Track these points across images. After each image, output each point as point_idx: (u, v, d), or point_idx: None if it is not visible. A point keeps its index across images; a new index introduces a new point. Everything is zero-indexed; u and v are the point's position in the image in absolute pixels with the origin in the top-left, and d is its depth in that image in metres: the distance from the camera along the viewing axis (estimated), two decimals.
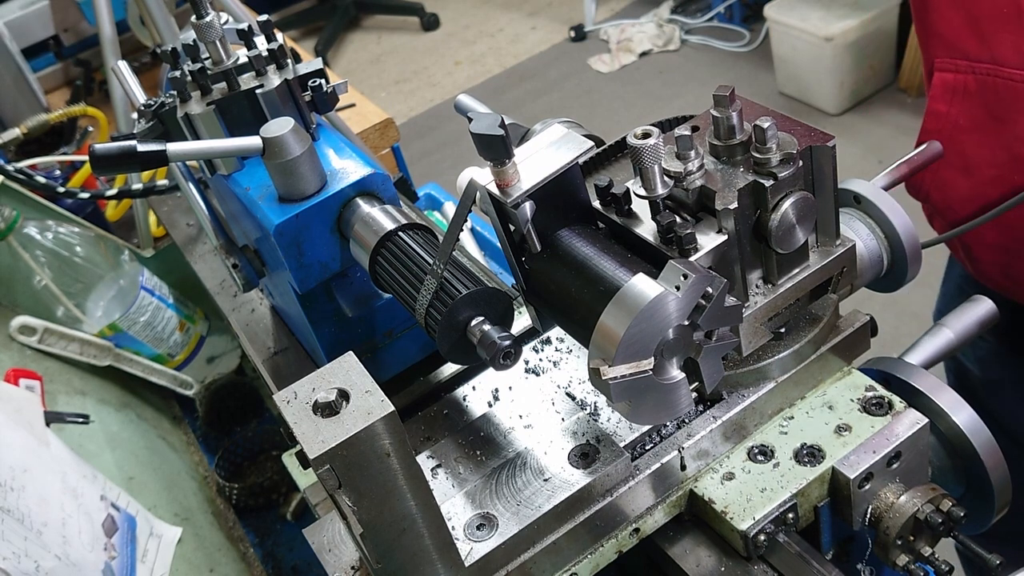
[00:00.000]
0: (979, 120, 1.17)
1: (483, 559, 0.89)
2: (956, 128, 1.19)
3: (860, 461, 0.94)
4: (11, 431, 1.38)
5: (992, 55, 1.10)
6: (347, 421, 0.73)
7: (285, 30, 6.04)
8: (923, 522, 0.95)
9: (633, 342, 0.80)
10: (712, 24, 5.28)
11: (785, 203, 0.86)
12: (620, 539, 0.96)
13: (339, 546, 0.97)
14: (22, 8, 2.63)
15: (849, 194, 1.08)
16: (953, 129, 1.19)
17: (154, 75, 2.55)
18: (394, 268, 0.98)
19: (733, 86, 0.86)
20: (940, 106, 1.19)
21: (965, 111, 1.17)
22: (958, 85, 1.15)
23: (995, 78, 1.11)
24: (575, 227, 0.92)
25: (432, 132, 5.07)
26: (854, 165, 3.97)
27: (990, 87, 1.13)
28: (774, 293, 0.93)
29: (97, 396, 1.86)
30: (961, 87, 1.15)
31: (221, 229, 1.20)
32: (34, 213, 1.91)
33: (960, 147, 1.20)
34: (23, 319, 1.78)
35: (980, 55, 1.12)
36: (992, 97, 1.13)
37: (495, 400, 1.09)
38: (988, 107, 1.15)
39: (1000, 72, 1.10)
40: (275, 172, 1.02)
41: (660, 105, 4.74)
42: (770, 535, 0.92)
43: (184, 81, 1.08)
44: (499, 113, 0.88)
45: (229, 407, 2.06)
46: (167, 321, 2.00)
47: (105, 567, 1.37)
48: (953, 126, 1.19)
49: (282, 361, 1.28)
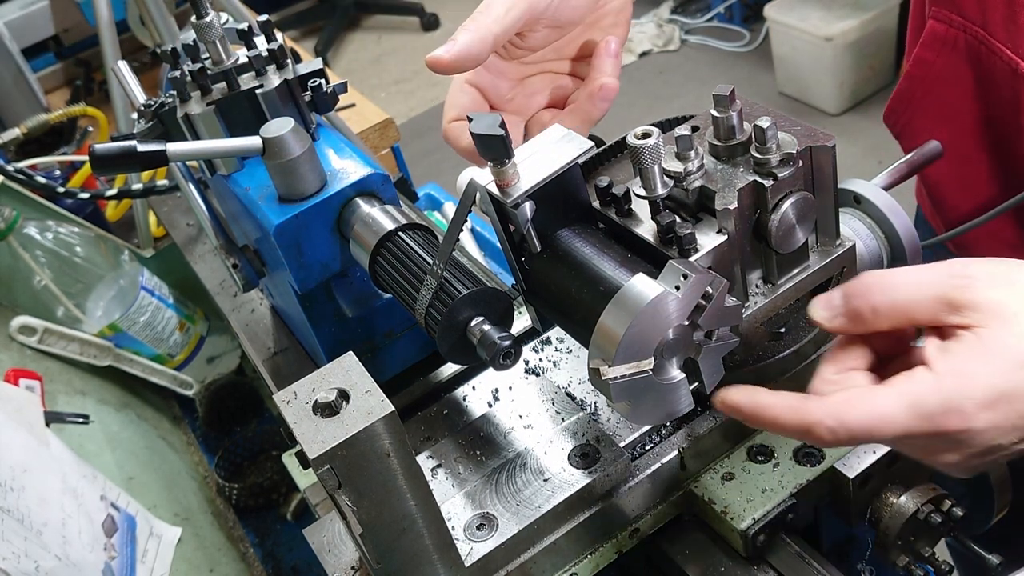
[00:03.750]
0: (961, 75, 1.16)
1: (483, 559, 0.89)
2: (939, 78, 1.18)
3: (860, 461, 0.94)
4: (11, 431, 1.38)
5: (984, 22, 1.09)
6: (347, 421, 0.73)
7: (285, 30, 6.04)
8: (923, 522, 0.95)
9: (633, 342, 0.80)
10: (712, 24, 5.27)
11: (785, 203, 0.86)
12: (620, 539, 0.96)
13: (339, 546, 0.97)
14: (22, 8, 2.63)
15: (849, 194, 1.08)
16: (936, 78, 1.18)
17: (154, 75, 2.55)
18: (394, 268, 0.98)
19: (733, 86, 0.86)
20: (928, 54, 1.17)
21: (951, 64, 1.16)
22: (948, 38, 1.14)
23: (981, 44, 1.10)
24: (575, 227, 0.92)
25: (432, 132, 5.07)
26: (854, 165, 3.97)
27: (975, 51, 1.12)
28: (774, 293, 0.93)
29: (97, 396, 1.86)
30: (951, 41, 1.14)
31: (221, 229, 1.20)
32: (34, 213, 1.91)
33: (939, 97, 1.20)
34: (23, 319, 1.78)
35: (974, 17, 1.10)
36: (975, 60, 1.13)
37: (495, 400, 1.09)
38: (972, 67, 1.14)
39: (986, 40, 1.09)
40: (275, 172, 1.02)
41: (660, 105, 4.74)
42: (770, 535, 0.92)
43: (184, 81, 1.08)
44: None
45: (229, 407, 2.06)
46: (167, 321, 2.00)
47: (105, 567, 1.37)
48: (936, 75, 1.18)
49: (282, 361, 1.28)
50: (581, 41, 1.08)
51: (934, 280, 0.73)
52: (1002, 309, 0.70)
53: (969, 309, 0.71)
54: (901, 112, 1.25)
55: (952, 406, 0.69)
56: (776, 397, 0.78)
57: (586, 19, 1.06)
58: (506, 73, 1.08)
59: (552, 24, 1.02)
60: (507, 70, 1.08)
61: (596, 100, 1.02)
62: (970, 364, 0.69)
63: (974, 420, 0.69)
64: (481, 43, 0.96)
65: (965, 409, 0.68)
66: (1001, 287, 0.71)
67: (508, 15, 0.97)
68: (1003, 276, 0.72)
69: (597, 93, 1.02)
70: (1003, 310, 0.70)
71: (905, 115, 1.24)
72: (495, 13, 0.97)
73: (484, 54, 0.97)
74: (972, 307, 0.71)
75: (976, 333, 0.70)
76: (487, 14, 0.97)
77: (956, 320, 0.71)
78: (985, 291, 0.71)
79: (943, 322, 0.72)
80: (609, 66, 1.04)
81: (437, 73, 0.97)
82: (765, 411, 0.78)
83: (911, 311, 0.74)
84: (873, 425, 0.71)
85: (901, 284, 0.75)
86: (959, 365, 0.70)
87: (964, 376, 0.69)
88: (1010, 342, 0.69)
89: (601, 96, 1.02)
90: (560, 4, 1.00)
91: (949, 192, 1.28)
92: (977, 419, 0.68)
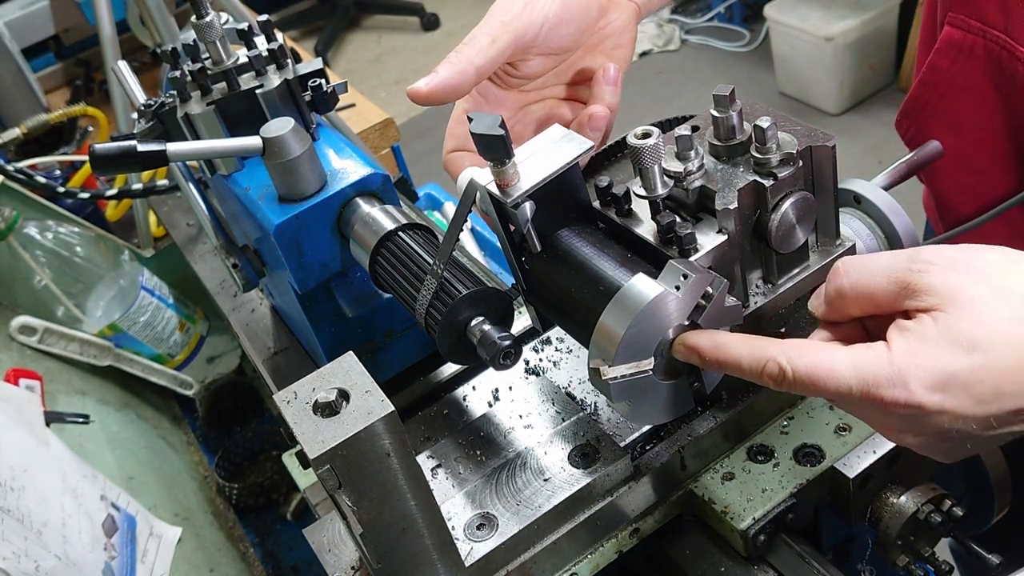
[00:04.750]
0: (977, 83, 1.15)
1: (483, 559, 0.89)
2: (953, 86, 1.18)
3: (860, 461, 0.94)
4: (11, 431, 1.38)
5: (1007, 26, 1.08)
6: (347, 421, 0.73)
7: (285, 30, 6.04)
8: (923, 522, 0.95)
9: (633, 342, 0.80)
10: (712, 24, 5.27)
11: (785, 203, 0.86)
12: (620, 539, 0.96)
13: (339, 546, 0.97)
14: (22, 8, 2.63)
15: (849, 194, 1.08)
16: (950, 86, 1.18)
17: (154, 75, 2.55)
18: (394, 268, 0.98)
19: (733, 86, 0.86)
20: (942, 61, 1.17)
21: (965, 71, 1.15)
22: (965, 44, 1.13)
23: (1002, 49, 1.09)
24: (575, 227, 0.92)
25: (432, 132, 5.07)
26: (854, 165, 3.97)
27: (995, 57, 1.11)
28: (774, 293, 0.93)
29: (97, 396, 1.86)
30: (968, 47, 1.13)
31: (221, 229, 1.20)
32: (34, 213, 1.91)
33: (953, 105, 1.19)
34: (23, 319, 1.78)
35: (996, 22, 1.09)
36: (995, 67, 1.12)
37: (495, 400, 1.09)
38: (990, 74, 1.13)
39: (1008, 45, 1.08)
40: (275, 172, 1.02)
41: (660, 105, 4.74)
42: (770, 535, 0.92)
43: (184, 81, 1.08)
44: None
45: (229, 407, 2.06)
46: (167, 321, 2.00)
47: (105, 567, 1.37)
48: (950, 83, 1.18)
49: (282, 361, 1.28)
50: (581, 66, 1.07)
51: (895, 265, 0.75)
52: (958, 294, 0.71)
53: (926, 293, 0.72)
54: (913, 119, 1.24)
55: (896, 379, 0.70)
56: (735, 336, 0.80)
57: (582, 44, 1.05)
58: (505, 102, 1.07)
59: (545, 52, 1.02)
60: (506, 99, 1.07)
61: (586, 130, 1.01)
62: (921, 345, 0.71)
63: (919, 398, 0.70)
64: (462, 75, 0.96)
65: (908, 385, 0.70)
66: (960, 272, 0.72)
67: (493, 46, 0.96)
68: (963, 262, 0.73)
69: (587, 123, 1.02)
70: (959, 295, 0.71)
71: (918, 122, 1.24)
72: (479, 45, 0.96)
73: (466, 86, 0.96)
74: (929, 291, 0.72)
75: (933, 316, 0.71)
76: (471, 45, 0.97)
77: (914, 304, 0.73)
78: (942, 275, 0.72)
79: (903, 306, 0.74)
80: (607, 94, 1.03)
81: (418, 104, 0.97)
82: (724, 348, 0.79)
83: (874, 295, 0.76)
84: (817, 375, 0.73)
85: (866, 269, 0.77)
86: (912, 345, 0.71)
87: (915, 355, 0.70)
88: (962, 326, 0.70)
89: (591, 126, 1.01)
90: (550, 32, 0.99)
91: (958, 202, 1.28)
92: (923, 398, 0.70)
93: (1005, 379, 0.69)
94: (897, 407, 0.70)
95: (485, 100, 1.06)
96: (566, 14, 1.00)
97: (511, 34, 0.97)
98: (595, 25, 1.04)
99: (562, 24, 1.00)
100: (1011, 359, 0.69)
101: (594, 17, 1.04)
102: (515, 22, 0.97)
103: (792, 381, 0.75)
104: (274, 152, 1.00)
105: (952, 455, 0.76)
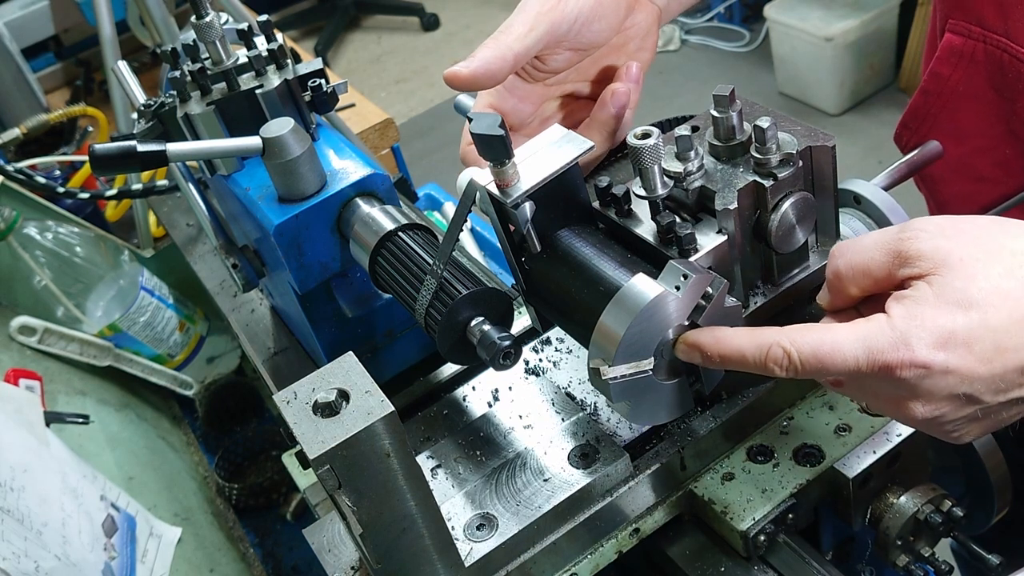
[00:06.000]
0: (979, 90, 1.15)
1: (483, 559, 0.89)
2: (954, 93, 1.18)
3: (860, 461, 0.94)
4: (11, 431, 1.38)
5: (1007, 29, 1.08)
6: (347, 421, 0.73)
7: (285, 30, 6.04)
8: (923, 522, 0.95)
9: (633, 342, 0.80)
10: (712, 24, 5.27)
11: (785, 203, 0.86)
12: (620, 539, 0.96)
13: (339, 546, 0.97)
14: (22, 8, 2.63)
15: (849, 194, 1.08)
16: (951, 93, 1.18)
17: (154, 75, 2.55)
18: (394, 268, 0.98)
19: (733, 86, 0.86)
20: (943, 68, 1.17)
21: (967, 78, 1.15)
22: (966, 51, 1.13)
23: (1004, 52, 1.09)
24: (575, 227, 0.92)
25: (432, 132, 5.07)
26: (854, 165, 3.97)
27: (996, 60, 1.11)
28: (774, 293, 0.93)
29: (97, 396, 1.86)
30: (969, 53, 1.13)
31: (221, 229, 1.20)
32: (34, 213, 1.91)
33: (954, 113, 1.19)
34: (23, 319, 1.78)
35: (995, 26, 1.09)
36: (997, 71, 1.12)
37: (495, 400, 1.09)
38: (991, 79, 1.13)
39: (1010, 48, 1.08)
40: (275, 172, 1.02)
41: (660, 105, 4.74)
42: (770, 535, 0.92)
43: (184, 81, 1.08)
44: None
45: (229, 407, 2.06)
46: (167, 321, 2.00)
47: (105, 567, 1.37)
48: (952, 90, 1.18)
49: (282, 361, 1.28)
50: (604, 64, 1.08)
51: (886, 237, 0.76)
52: (948, 255, 0.72)
53: (918, 259, 0.73)
54: (914, 130, 1.24)
55: (899, 342, 0.71)
56: (736, 329, 0.81)
57: (609, 42, 1.05)
58: (529, 96, 1.08)
59: (574, 47, 1.02)
60: (530, 93, 1.08)
61: (608, 106, 1.02)
62: (920, 307, 0.72)
63: (924, 356, 0.70)
64: (501, 60, 0.96)
65: (911, 344, 0.71)
66: (948, 237, 0.74)
67: (529, 35, 0.97)
68: (950, 227, 0.74)
69: (609, 99, 1.02)
70: (950, 256, 0.72)
71: (918, 133, 1.24)
72: (516, 32, 0.97)
73: (504, 72, 0.97)
74: (920, 256, 0.73)
75: (928, 281, 0.73)
76: (508, 33, 0.97)
77: (908, 272, 0.74)
78: (931, 240, 0.73)
79: (898, 276, 0.75)
80: (629, 91, 1.04)
81: (455, 89, 0.97)
82: (726, 341, 0.80)
83: (869, 269, 0.77)
84: (823, 352, 0.74)
85: (859, 246, 0.78)
86: (910, 309, 0.72)
87: (914, 318, 0.71)
88: (957, 285, 0.71)
89: (614, 101, 1.02)
90: (582, 27, 1.00)
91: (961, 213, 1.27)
92: (927, 356, 0.70)
93: (1004, 334, 0.70)
94: (903, 368, 0.71)
95: (510, 93, 1.06)
96: (599, 10, 1.01)
97: (546, 25, 0.97)
98: (623, 23, 1.05)
99: (594, 20, 1.01)
100: (1007, 313, 0.70)
101: (623, 15, 1.05)
102: (551, 14, 0.98)
103: (798, 363, 0.75)
104: (274, 152, 1.00)
105: (966, 432, 0.77)
